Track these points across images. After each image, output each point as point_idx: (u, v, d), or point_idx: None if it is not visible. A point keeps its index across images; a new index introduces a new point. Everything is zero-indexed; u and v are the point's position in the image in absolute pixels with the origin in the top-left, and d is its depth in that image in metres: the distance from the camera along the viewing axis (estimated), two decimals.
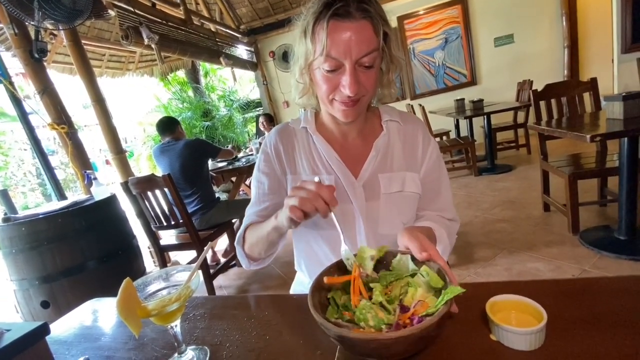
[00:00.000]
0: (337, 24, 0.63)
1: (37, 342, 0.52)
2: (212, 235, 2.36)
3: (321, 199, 0.56)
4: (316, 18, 0.64)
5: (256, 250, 0.78)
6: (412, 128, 0.83)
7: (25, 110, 2.36)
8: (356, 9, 0.62)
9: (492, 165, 3.86)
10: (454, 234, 0.83)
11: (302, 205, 0.56)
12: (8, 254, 1.75)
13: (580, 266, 1.83)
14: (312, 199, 0.56)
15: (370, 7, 0.63)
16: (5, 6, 1.83)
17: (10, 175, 6.40)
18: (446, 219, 0.82)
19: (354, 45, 0.62)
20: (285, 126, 0.86)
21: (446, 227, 0.77)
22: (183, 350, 0.57)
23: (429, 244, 0.54)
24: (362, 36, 0.63)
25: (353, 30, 0.62)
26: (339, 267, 0.57)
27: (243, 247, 0.80)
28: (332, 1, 0.63)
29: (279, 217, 0.65)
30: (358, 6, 0.62)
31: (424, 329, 0.39)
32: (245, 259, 0.81)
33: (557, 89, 2.40)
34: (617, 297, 0.52)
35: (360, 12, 0.62)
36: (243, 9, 5.30)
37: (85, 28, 3.78)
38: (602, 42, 4.34)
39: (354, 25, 0.62)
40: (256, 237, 0.75)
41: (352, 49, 0.63)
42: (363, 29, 0.63)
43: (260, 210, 0.82)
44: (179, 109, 6.22)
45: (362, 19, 0.62)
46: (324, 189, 0.56)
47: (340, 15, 0.62)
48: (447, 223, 0.81)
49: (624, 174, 1.84)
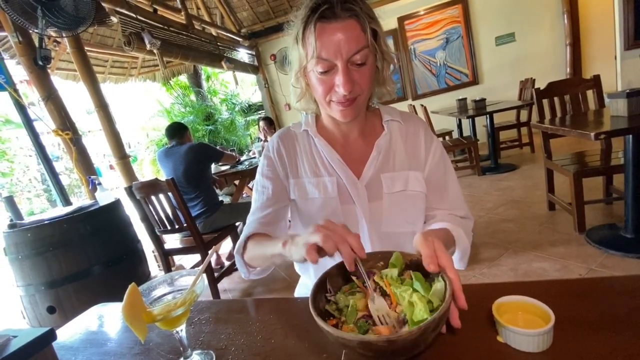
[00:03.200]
0: (324, 26, 0.64)
1: (44, 348, 0.52)
2: (216, 238, 2.37)
3: (348, 244, 0.50)
4: (305, 23, 0.66)
5: (256, 263, 0.76)
6: (414, 127, 0.83)
7: (29, 116, 2.38)
8: (341, 9, 0.63)
9: (496, 165, 3.84)
10: (469, 232, 0.80)
11: (325, 242, 0.49)
12: (14, 260, 1.76)
13: (587, 265, 1.82)
14: (339, 240, 0.50)
15: (355, 6, 0.64)
16: (10, 15, 1.85)
17: (16, 182, 6.46)
18: (459, 217, 0.80)
19: (343, 45, 0.64)
20: (287, 130, 0.87)
21: (462, 226, 0.75)
22: (189, 355, 0.57)
23: (443, 254, 0.51)
24: (350, 35, 0.64)
25: (340, 30, 0.64)
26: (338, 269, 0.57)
27: (243, 256, 0.77)
28: (317, 5, 0.64)
29: (287, 247, 0.58)
30: (343, 6, 0.63)
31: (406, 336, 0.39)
32: (244, 268, 0.78)
33: (560, 87, 2.38)
34: (626, 297, 0.51)
35: (346, 12, 0.64)
36: (244, 13, 5.33)
37: (88, 35, 3.81)
38: (604, 39, 4.31)
39: (340, 25, 0.64)
40: (258, 253, 0.72)
41: (341, 48, 0.64)
42: (350, 27, 0.64)
43: (262, 217, 0.79)
44: (182, 113, 6.24)
45: (349, 18, 0.64)
46: (351, 234, 0.51)
47: (326, 17, 0.64)
48: (461, 221, 0.79)
49: (629, 172, 1.82)
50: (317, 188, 0.79)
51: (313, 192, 0.79)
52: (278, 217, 0.81)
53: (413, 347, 0.43)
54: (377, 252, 0.58)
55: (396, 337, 0.39)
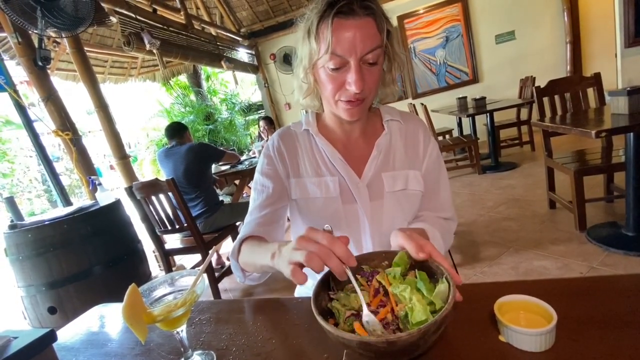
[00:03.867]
0: (341, 22, 0.63)
1: (44, 349, 0.52)
2: (216, 238, 2.36)
3: (335, 256, 0.46)
4: (320, 17, 0.65)
5: (250, 269, 0.73)
6: (413, 127, 0.83)
7: (30, 117, 2.38)
8: (359, 7, 0.63)
9: (496, 163, 3.83)
10: (450, 233, 0.81)
11: (309, 262, 0.46)
12: (15, 261, 1.76)
13: (588, 263, 1.81)
14: (324, 256, 0.46)
15: (373, 4, 0.64)
16: (9, 15, 1.85)
17: (17, 182, 6.46)
18: (442, 218, 0.81)
19: (359, 42, 0.63)
20: (287, 130, 0.86)
21: (440, 227, 0.75)
22: (189, 355, 0.57)
23: (427, 242, 0.52)
24: (366, 33, 0.63)
25: (357, 28, 0.63)
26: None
27: (238, 260, 0.74)
28: (335, 0, 0.63)
29: (275, 260, 0.57)
30: (361, 4, 0.63)
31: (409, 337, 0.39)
32: (239, 272, 0.75)
33: (561, 85, 2.38)
34: (629, 296, 0.51)
35: (364, 10, 0.63)
36: (243, 13, 5.32)
37: (88, 35, 3.81)
38: (604, 36, 4.31)
39: (357, 22, 0.63)
40: (250, 259, 0.69)
41: (356, 45, 0.63)
42: (367, 25, 0.63)
43: (260, 217, 0.78)
44: (182, 113, 6.24)
45: (366, 16, 0.63)
46: (337, 243, 0.47)
47: (344, 13, 0.63)
48: (442, 223, 0.79)
49: (630, 170, 1.82)
50: (319, 187, 0.78)
51: (315, 192, 0.78)
52: (276, 217, 0.80)
53: (413, 349, 0.43)
54: (381, 252, 0.58)
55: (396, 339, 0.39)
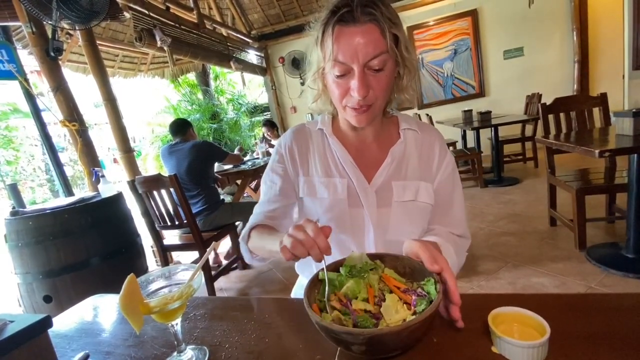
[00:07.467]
0: (343, 29, 0.64)
1: (39, 335, 0.52)
2: (215, 236, 2.37)
3: (317, 246, 0.53)
4: (324, 25, 0.66)
5: (258, 254, 0.79)
6: (430, 138, 0.82)
7: (38, 106, 2.41)
8: (361, 13, 0.63)
9: (499, 178, 3.83)
10: (463, 251, 0.79)
11: (294, 249, 0.53)
12: (14, 247, 1.77)
13: (586, 283, 1.80)
14: (307, 245, 0.53)
15: (376, 10, 0.63)
16: (25, 5, 1.88)
17: (20, 170, 6.50)
18: (455, 235, 0.79)
19: (361, 49, 0.63)
20: (302, 127, 0.87)
21: (454, 244, 0.74)
22: (182, 349, 0.57)
23: (441, 257, 0.53)
24: (368, 39, 0.63)
25: (359, 34, 0.63)
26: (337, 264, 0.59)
27: (247, 243, 0.80)
28: (337, 8, 0.64)
29: None
30: (363, 10, 0.63)
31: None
32: (248, 254, 0.81)
33: (567, 103, 2.38)
34: (624, 315, 0.51)
35: (366, 16, 0.63)
36: (255, 15, 5.38)
37: (101, 29, 3.86)
38: (612, 58, 4.32)
39: (359, 29, 0.63)
40: (260, 245, 0.75)
41: (358, 52, 0.63)
42: (369, 32, 0.63)
43: (269, 211, 0.82)
44: (188, 110, 6.28)
45: (368, 22, 0.63)
46: (321, 236, 0.53)
47: (345, 21, 0.64)
48: (456, 239, 0.78)
49: (632, 191, 1.81)
50: (327, 188, 0.78)
51: (322, 192, 0.79)
52: (285, 213, 0.83)
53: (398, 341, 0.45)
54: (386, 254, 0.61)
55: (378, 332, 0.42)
